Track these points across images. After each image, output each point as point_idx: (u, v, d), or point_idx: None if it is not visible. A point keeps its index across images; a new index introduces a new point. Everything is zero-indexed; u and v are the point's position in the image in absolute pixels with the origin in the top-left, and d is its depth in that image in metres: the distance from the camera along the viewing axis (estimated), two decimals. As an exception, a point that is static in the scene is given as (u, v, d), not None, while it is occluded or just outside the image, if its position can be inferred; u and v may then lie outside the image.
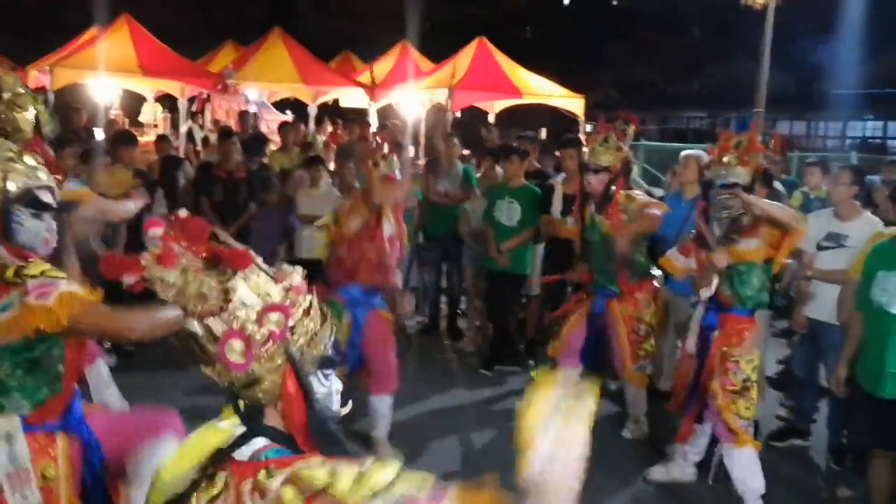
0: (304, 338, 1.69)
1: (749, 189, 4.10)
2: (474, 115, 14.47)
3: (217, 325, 1.64)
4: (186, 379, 6.02)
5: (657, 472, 4.69)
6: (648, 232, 5.03)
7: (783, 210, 4.07)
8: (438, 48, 15.68)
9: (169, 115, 14.24)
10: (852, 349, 4.07)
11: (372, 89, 13.93)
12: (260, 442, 1.64)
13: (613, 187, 5.02)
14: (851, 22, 21.68)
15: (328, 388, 1.77)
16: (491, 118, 13.81)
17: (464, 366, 6.63)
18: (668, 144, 15.37)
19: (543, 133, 14.83)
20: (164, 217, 1.75)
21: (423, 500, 1.43)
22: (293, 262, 7.67)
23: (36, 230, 2.59)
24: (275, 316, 1.65)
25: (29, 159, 2.64)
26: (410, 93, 13.48)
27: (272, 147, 10.34)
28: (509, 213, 6.42)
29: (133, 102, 14.95)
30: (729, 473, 4.20)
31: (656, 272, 5.19)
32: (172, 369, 6.09)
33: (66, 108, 10.33)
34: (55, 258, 2.71)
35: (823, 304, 4.87)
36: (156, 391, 5.47)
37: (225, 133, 7.47)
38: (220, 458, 1.63)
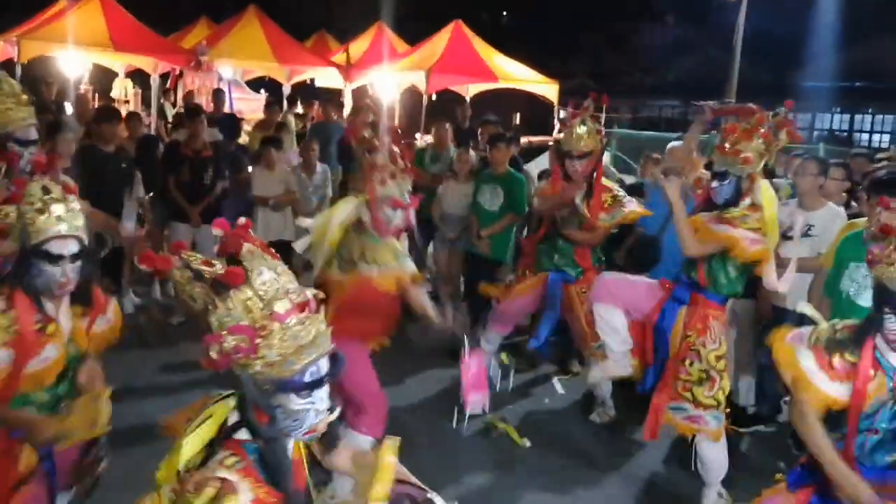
0: (265, 360, 1.90)
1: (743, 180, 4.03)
2: (450, 99, 14.45)
3: (213, 321, 1.91)
4: (154, 357, 6.04)
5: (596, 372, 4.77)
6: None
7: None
8: (414, 30, 15.61)
9: (140, 91, 14.04)
10: None
11: (347, 70, 13.84)
12: (244, 435, 1.98)
13: (596, 173, 5.02)
14: (823, 14, 21.96)
15: (307, 406, 1.97)
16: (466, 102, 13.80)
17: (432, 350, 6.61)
18: (640, 133, 15.48)
19: (517, 118, 14.85)
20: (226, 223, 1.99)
21: None
22: None
23: (51, 277, 2.75)
24: (240, 336, 1.87)
25: (61, 205, 2.75)
26: (386, 74, 13.42)
27: (246, 127, 10.26)
28: (492, 198, 6.45)
29: (104, 77, 14.70)
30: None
31: None
32: (140, 348, 6.09)
33: (35, 80, 10.14)
34: (81, 286, 2.90)
35: (788, 292, 4.96)
36: (126, 369, 5.45)
37: (193, 111, 7.31)
38: (224, 439, 1.98)
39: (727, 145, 4.02)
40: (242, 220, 2.00)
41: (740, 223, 3.96)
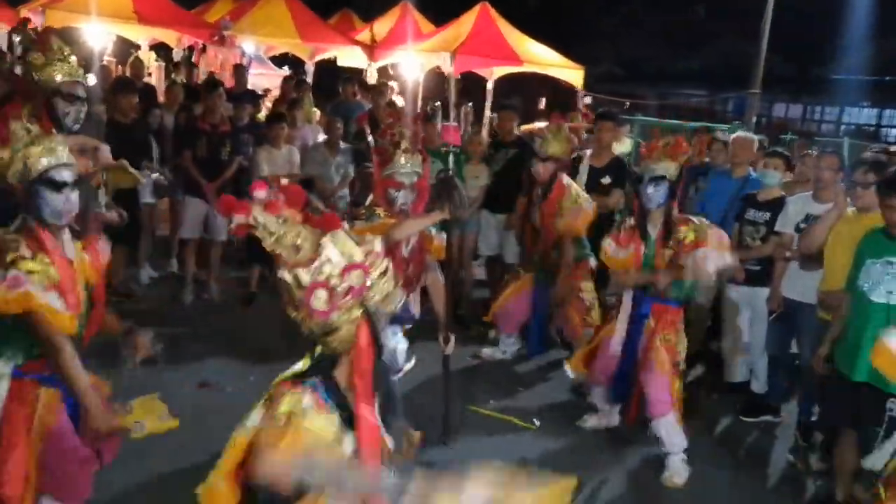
0: (379, 295, 1.95)
1: (675, 182, 4.40)
2: (473, 81, 14.37)
3: (305, 276, 1.89)
4: (167, 332, 6.09)
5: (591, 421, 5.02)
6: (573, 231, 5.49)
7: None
8: (440, 10, 15.50)
9: (163, 65, 14.07)
10: (839, 329, 4.13)
11: (371, 49, 13.79)
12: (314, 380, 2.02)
13: (561, 175, 5.51)
14: (853, 7, 21.58)
15: (395, 344, 2.03)
16: (490, 85, 13.72)
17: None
18: (665, 121, 15.31)
19: (542, 103, 14.74)
20: (266, 181, 2.05)
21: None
22: None
23: (57, 205, 2.81)
24: (356, 273, 1.90)
25: (46, 140, 2.85)
26: (410, 54, 13.36)
27: (267, 103, 10.26)
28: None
29: (127, 50, 14.74)
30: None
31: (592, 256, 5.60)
32: (154, 324, 6.13)
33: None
34: (80, 221, 3.02)
35: (799, 284, 4.96)
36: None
37: (211, 85, 7.27)
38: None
39: (659, 150, 4.42)
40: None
41: None
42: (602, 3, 28.99)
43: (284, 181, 2.02)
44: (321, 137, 7.89)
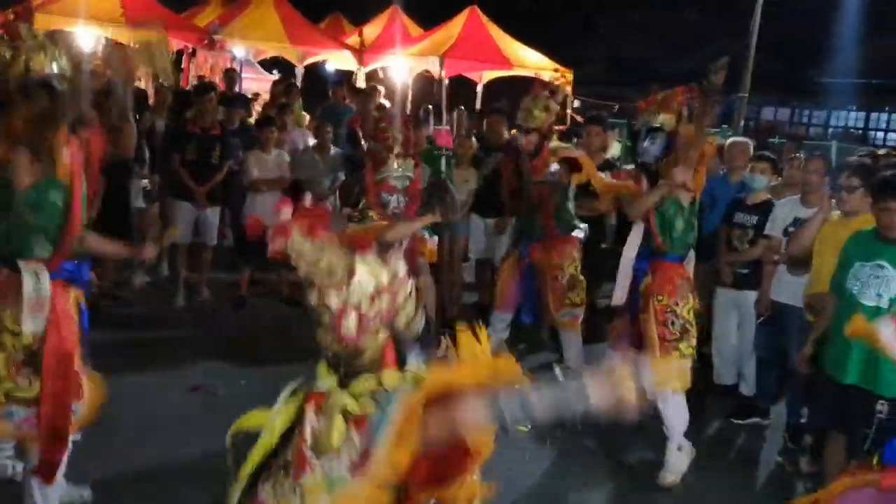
0: (405, 318, 1.98)
1: (672, 134, 4.36)
2: (462, 85, 14.40)
3: (335, 300, 1.88)
4: (158, 335, 6.10)
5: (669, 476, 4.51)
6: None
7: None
8: (429, 14, 15.52)
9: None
10: (822, 330, 4.16)
11: (360, 53, 13.80)
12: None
13: (545, 143, 5.45)
14: (842, 10, 21.74)
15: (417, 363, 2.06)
16: (479, 88, 13.75)
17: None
18: (653, 124, 15.36)
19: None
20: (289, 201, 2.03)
21: None
22: (240, 228, 7.45)
23: None
24: (385, 297, 1.92)
25: (51, 48, 3.09)
26: (399, 58, 13.38)
27: (257, 107, 10.26)
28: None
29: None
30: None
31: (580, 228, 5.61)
32: (146, 328, 6.14)
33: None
34: None
35: (786, 287, 5.00)
36: (133, 348, 5.49)
37: (201, 89, 7.26)
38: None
39: (657, 102, 4.45)
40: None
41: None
42: (592, 5, 29.07)
43: (308, 201, 1.97)
44: (311, 141, 7.89)
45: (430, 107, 10.53)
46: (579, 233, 5.60)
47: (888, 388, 3.68)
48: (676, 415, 4.39)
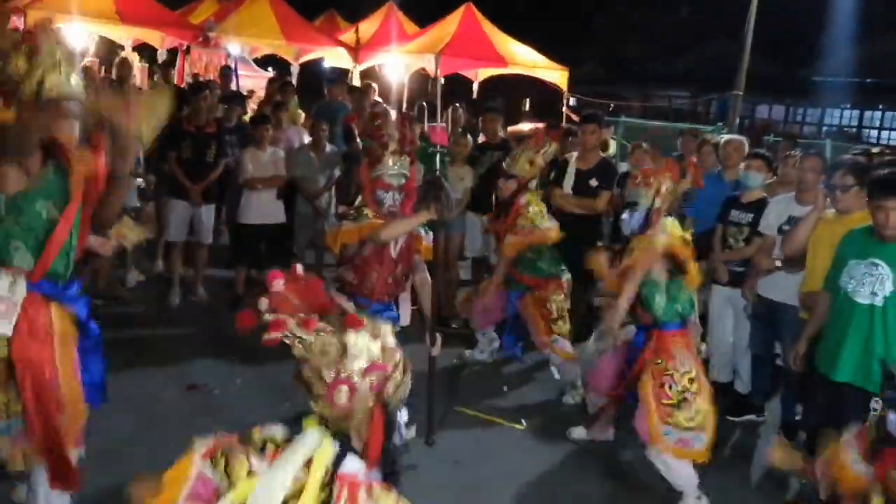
0: (393, 387, 2.03)
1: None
2: (458, 83, 14.40)
3: (328, 374, 1.95)
4: (155, 332, 6.09)
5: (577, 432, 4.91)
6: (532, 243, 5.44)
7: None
8: (425, 12, 15.52)
9: (146, 66, 13.99)
10: (815, 327, 4.18)
11: (356, 50, 13.78)
12: (357, 462, 1.98)
13: (520, 194, 5.44)
14: (836, 10, 21.78)
15: (400, 419, 2.07)
16: (474, 87, 13.75)
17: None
18: (648, 122, 15.40)
19: (527, 104, 14.79)
20: (283, 271, 2.06)
21: None
22: (236, 226, 7.42)
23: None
24: (377, 372, 1.98)
25: (66, 68, 2.98)
26: (395, 56, 13.37)
27: (252, 105, 10.23)
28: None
29: (110, 50, 14.66)
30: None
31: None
32: (141, 327, 6.13)
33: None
34: None
35: (781, 285, 5.00)
36: (128, 346, 5.48)
37: (196, 86, 7.23)
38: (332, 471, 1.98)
39: (639, 177, 4.33)
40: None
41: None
42: (587, 5, 29.08)
43: (300, 270, 2.04)
44: (306, 139, 7.88)
45: (425, 104, 10.54)
46: (566, 277, 5.56)
47: (881, 386, 3.69)
48: (681, 476, 4.19)
